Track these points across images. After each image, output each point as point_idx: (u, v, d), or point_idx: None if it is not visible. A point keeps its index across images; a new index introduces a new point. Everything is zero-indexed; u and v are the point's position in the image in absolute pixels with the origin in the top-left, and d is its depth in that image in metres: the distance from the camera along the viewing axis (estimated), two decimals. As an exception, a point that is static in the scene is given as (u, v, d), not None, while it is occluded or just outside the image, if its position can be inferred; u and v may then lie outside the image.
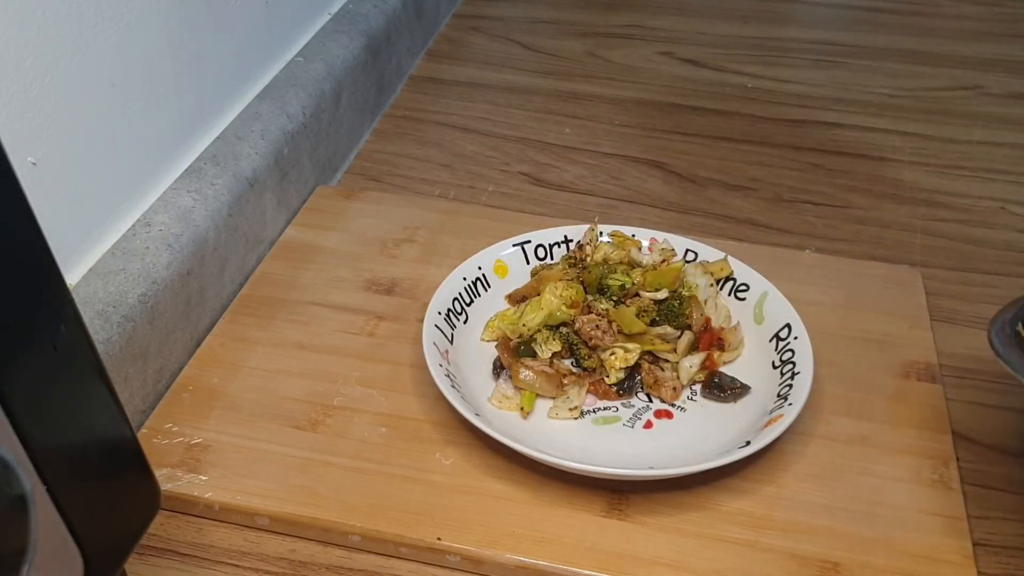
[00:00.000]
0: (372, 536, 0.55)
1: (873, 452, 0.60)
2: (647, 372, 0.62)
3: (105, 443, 0.39)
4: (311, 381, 0.64)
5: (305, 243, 0.77)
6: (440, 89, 1.06)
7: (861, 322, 0.70)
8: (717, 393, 0.62)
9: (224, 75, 0.75)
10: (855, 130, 0.98)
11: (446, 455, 0.59)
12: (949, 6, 1.25)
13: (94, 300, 0.58)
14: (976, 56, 1.13)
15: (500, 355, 0.63)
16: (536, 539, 0.54)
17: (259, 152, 0.75)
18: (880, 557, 0.54)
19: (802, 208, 0.87)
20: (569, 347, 0.63)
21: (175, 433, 0.60)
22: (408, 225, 0.79)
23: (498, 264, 0.70)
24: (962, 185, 0.90)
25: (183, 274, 0.65)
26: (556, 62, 1.12)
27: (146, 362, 0.62)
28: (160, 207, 0.66)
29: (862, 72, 1.09)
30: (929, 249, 0.82)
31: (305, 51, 0.87)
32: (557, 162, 0.93)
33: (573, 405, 0.61)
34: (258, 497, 0.56)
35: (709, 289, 0.67)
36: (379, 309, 0.70)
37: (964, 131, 0.98)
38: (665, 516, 0.56)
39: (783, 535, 0.55)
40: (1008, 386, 0.68)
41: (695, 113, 1.01)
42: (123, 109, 0.62)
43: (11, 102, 0.52)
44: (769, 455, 0.59)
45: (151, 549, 0.56)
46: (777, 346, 0.64)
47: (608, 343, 0.62)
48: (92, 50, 0.58)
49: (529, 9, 1.24)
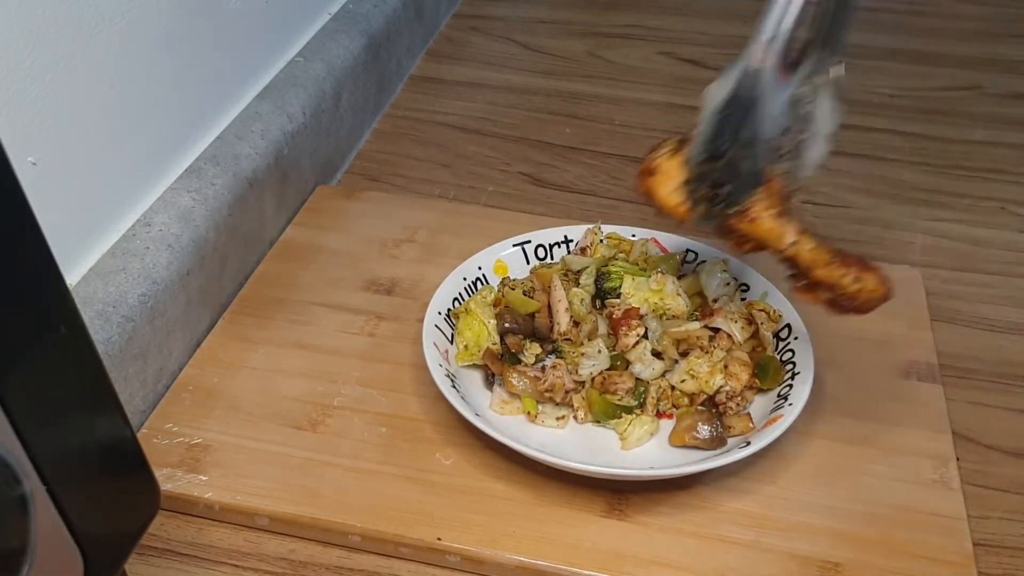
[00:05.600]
0: (372, 536, 0.55)
1: (873, 452, 0.60)
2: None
3: (105, 443, 0.39)
4: (311, 381, 0.64)
5: (305, 243, 0.77)
6: (440, 89, 1.06)
7: (861, 322, 0.69)
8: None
9: (224, 75, 0.75)
10: (855, 130, 0.98)
11: (446, 455, 0.59)
12: (949, 6, 1.25)
13: (94, 300, 0.58)
14: (976, 56, 1.12)
15: (488, 364, 0.63)
16: (536, 539, 0.54)
17: (259, 152, 0.75)
18: (880, 557, 0.54)
19: (802, 208, 0.87)
20: (553, 349, 0.63)
21: (175, 433, 0.60)
22: (408, 225, 0.79)
23: (498, 264, 0.70)
24: (962, 185, 0.90)
25: (183, 274, 0.65)
26: (556, 62, 1.12)
27: (146, 362, 0.62)
28: (160, 207, 0.66)
29: (862, 72, 1.09)
30: (929, 249, 0.82)
31: (305, 51, 0.87)
32: (557, 162, 0.93)
33: (560, 415, 0.61)
34: (258, 497, 0.56)
35: (724, 288, 0.66)
36: (379, 309, 0.70)
37: (964, 131, 0.98)
38: (665, 516, 0.56)
39: (783, 535, 0.55)
40: (1008, 386, 0.68)
41: (695, 113, 1.01)
42: (123, 109, 0.62)
43: (11, 102, 0.52)
44: (769, 455, 0.59)
45: (151, 549, 0.56)
46: (777, 346, 0.64)
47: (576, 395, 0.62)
48: (92, 50, 0.58)
49: (529, 9, 1.24)
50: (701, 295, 0.66)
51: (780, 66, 0.51)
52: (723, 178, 0.52)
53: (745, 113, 0.51)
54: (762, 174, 0.52)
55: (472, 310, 0.65)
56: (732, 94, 0.52)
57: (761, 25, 0.50)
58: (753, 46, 0.51)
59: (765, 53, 0.50)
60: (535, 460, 0.56)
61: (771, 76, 0.51)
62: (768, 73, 0.51)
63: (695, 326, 0.63)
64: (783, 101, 0.52)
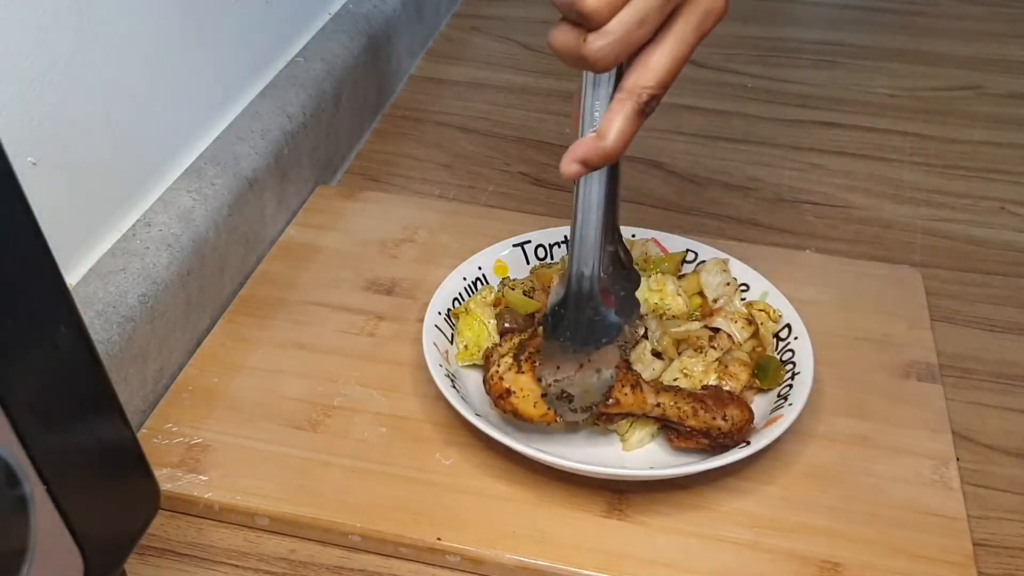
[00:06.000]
0: (372, 536, 0.55)
1: (873, 452, 0.60)
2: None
3: (105, 443, 0.39)
4: (311, 381, 0.64)
5: (305, 243, 0.77)
6: (440, 89, 1.06)
7: (861, 322, 0.70)
8: None
9: (224, 75, 0.75)
10: (855, 130, 0.98)
11: (446, 455, 0.59)
12: (949, 6, 1.25)
13: (94, 300, 0.58)
14: (976, 56, 1.13)
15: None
16: (536, 539, 0.54)
17: (259, 152, 0.75)
18: (880, 557, 0.54)
19: (802, 208, 0.87)
20: None
21: (175, 433, 0.60)
22: (408, 225, 0.79)
23: (498, 264, 0.70)
24: (962, 185, 0.90)
25: (183, 274, 0.65)
26: (556, 62, 1.10)
27: (146, 362, 0.62)
28: (160, 207, 0.66)
29: (862, 72, 1.09)
30: (929, 249, 0.82)
31: (305, 51, 0.87)
32: (557, 162, 0.93)
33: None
34: (258, 497, 0.56)
35: (724, 288, 0.66)
36: (379, 309, 0.70)
37: (964, 131, 0.98)
38: (665, 516, 0.56)
39: (783, 535, 0.55)
40: (1008, 386, 0.68)
41: (695, 113, 1.01)
42: (123, 109, 0.62)
43: (11, 102, 0.52)
44: (769, 455, 0.59)
45: (151, 549, 0.56)
46: (777, 346, 0.64)
47: None
48: (92, 50, 0.58)
49: (529, 9, 1.24)
50: (701, 295, 0.66)
51: (602, 289, 0.53)
52: (574, 388, 0.55)
53: (583, 325, 0.53)
54: (612, 376, 0.55)
55: (472, 310, 0.65)
56: (564, 317, 0.54)
57: (575, 250, 0.52)
58: (572, 272, 0.52)
59: (584, 279, 0.52)
60: (535, 460, 0.56)
61: (598, 298, 0.53)
62: (596, 296, 0.53)
63: (695, 326, 0.63)
64: (611, 313, 0.54)
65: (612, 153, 0.46)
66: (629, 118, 0.45)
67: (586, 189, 0.50)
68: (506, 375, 0.56)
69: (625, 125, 0.46)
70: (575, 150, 0.48)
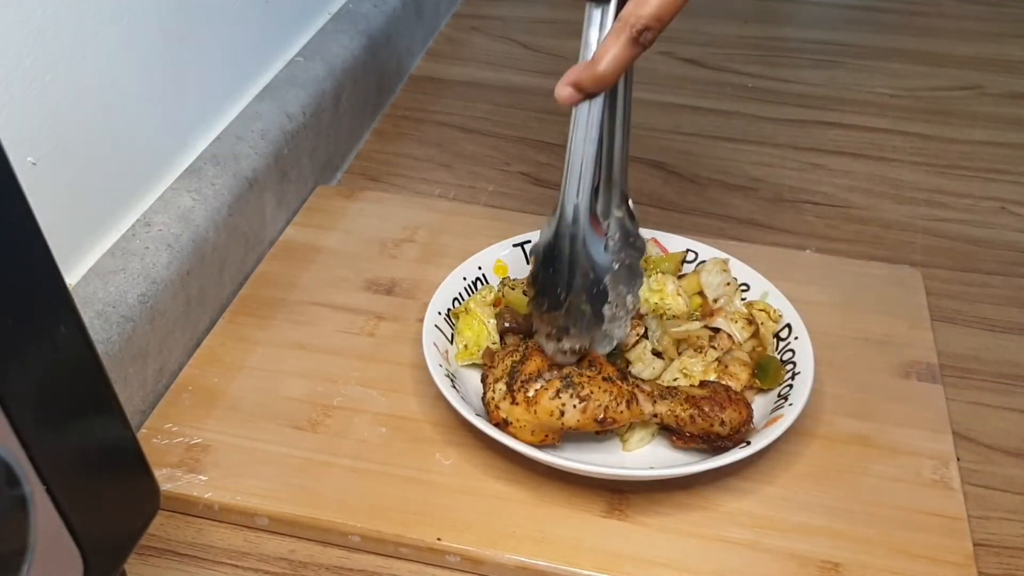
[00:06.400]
0: (372, 536, 0.55)
1: (873, 452, 0.60)
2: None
3: (105, 443, 0.39)
4: (311, 381, 0.64)
5: (305, 243, 0.77)
6: (440, 89, 1.06)
7: (861, 322, 0.70)
8: None
9: (224, 75, 0.75)
10: (855, 130, 0.98)
11: (446, 455, 0.59)
12: (950, 6, 1.25)
13: (94, 300, 0.58)
14: (976, 56, 1.13)
15: (488, 364, 0.63)
16: (536, 539, 0.54)
17: (259, 152, 0.75)
18: (880, 557, 0.54)
19: (802, 208, 0.87)
20: None
21: (175, 433, 0.60)
22: (408, 225, 0.79)
23: (498, 264, 0.70)
24: (962, 185, 0.90)
25: (183, 274, 0.65)
26: (556, 62, 1.12)
27: (146, 362, 0.62)
28: (160, 207, 0.66)
29: (862, 72, 1.09)
30: (929, 249, 0.82)
31: (305, 51, 0.87)
32: (557, 162, 0.93)
33: None
34: (258, 497, 0.56)
35: (725, 288, 0.66)
36: (379, 309, 0.70)
37: (964, 131, 0.98)
38: (665, 516, 0.56)
39: (783, 535, 0.55)
40: (1008, 386, 0.68)
41: (695, 113, 1.01)
42: (123, 109, 0.62)
43: (11, 102, 0.52)
44: (769, 455, 0.59)
45: (151, 549, 0.56)
46: (777, 346, 0.64)
47: None
48: (92, 50, 0.58)
49: (529, 9, 1.24)
50: (701, 295, 0.66)
51: (593, 218, 0.54)
52: (568, 322, 0.55)
53: (571, 263, 0.54)
54: (602, 315, 0.55)
55: (472, 310, 0.65)
56: (555, 248, 0.54)
57: (566, 181, 0.53)
58: (563, 201, 0.54)
59: (576, 209, 0.53)
60: (535, 460, 0.56)
61: (587, 228, 0.54)
62: (584, 226, 0.54)
63: (695, 326, 0.63)
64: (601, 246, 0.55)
65: (604, 77, 0.48)
66: (623, 46, 0.47)
67: (582, 120, 0.52)
68: (502, 404, 0.56)
69: (619, 51, 0.47)
70: (569, 74, 0.49)
